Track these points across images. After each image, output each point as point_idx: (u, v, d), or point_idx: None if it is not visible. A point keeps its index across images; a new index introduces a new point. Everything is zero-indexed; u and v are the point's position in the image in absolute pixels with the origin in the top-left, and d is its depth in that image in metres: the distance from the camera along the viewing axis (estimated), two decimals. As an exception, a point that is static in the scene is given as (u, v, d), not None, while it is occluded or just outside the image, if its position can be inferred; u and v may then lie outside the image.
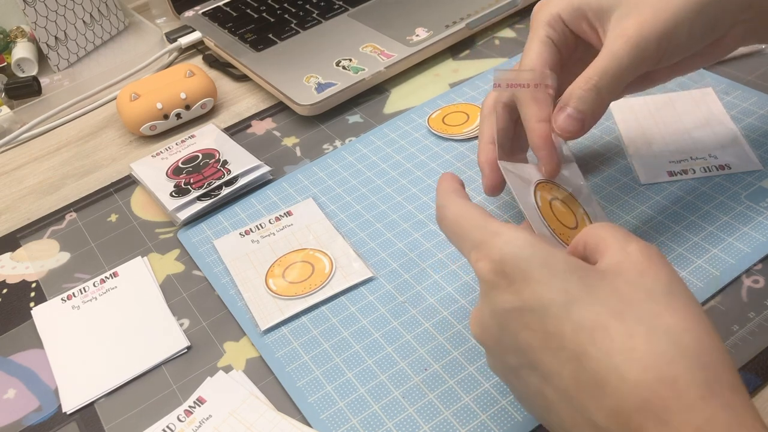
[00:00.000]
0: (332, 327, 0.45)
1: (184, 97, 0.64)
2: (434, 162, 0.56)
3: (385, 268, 0.48)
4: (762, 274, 0.43)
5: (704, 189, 0.49)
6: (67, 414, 0.43)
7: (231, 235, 0.52)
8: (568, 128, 0.40)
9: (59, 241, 0.56)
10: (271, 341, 0.45)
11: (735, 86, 0.57)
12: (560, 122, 0.40)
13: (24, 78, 0.72)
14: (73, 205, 0.59)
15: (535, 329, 0.31)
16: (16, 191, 0.63)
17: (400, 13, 0.72)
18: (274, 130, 0.64)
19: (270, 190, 0.57)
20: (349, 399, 0.41)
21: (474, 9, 0.70)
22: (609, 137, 0.54)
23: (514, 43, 0.68)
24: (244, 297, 0.48)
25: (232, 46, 0.72)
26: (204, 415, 0.41)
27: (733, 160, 0.50)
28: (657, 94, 0.57)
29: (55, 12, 0.74)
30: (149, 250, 0.54)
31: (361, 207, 0.53)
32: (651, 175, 0.51)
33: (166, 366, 0.45)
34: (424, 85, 0.65)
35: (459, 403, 0.40)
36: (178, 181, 0.57)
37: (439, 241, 0.49)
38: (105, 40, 0.80)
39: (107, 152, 0.65)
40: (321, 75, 0.65)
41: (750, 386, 0.38)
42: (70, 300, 0.50)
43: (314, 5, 0.76)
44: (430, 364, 0.42)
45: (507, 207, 0.51)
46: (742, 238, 0.45)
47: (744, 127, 0.53)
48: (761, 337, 0.40)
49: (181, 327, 0.47)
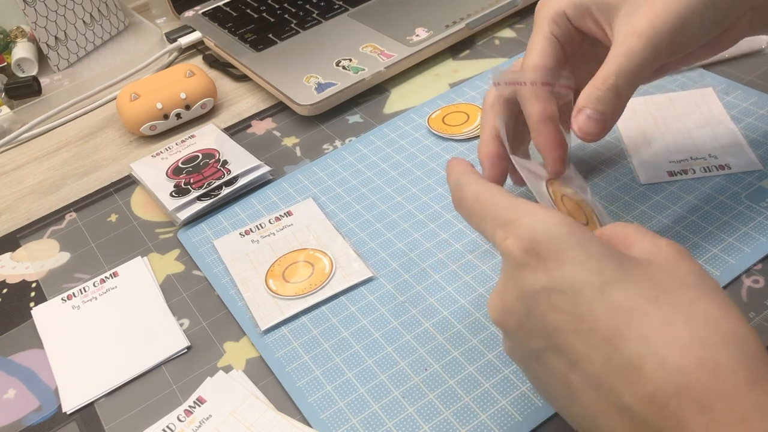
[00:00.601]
0: (332, 327, 0.45)
1: (184, 97, 0.64)
2: (434, 162, 0.56)
3: (385, 268, 0.48)
4: (762, 274, 0.43)
5: (704, 189, 0.49)
6: (67, 414, 0.43)
7: (231, 235, 0.52)
8: (589, 130, 0.39)
9: (59, 241, 0.56)
10: (271, 341, 0.45)
11: (735, 86, 0.57)
12: (581, 124, 0.39)
13: (24, 78, 0.72)
14: (73, 205, 0.60)
15: (565, 311, 0.29)
16: (16, 191, 0.63)
17: (400, 13, 0.72)
18: (274, 130, 0.64)
19: (270, 190, 0.57)
20: (349, 399, 0.41)
21: (474, 9, 0.70)
22: (609, 137, 0.54)
23: (514, 43, 0.68)
24: (244, 297, 0.48)
25: (232, 46, 0.72)
26: (204, 415, 0.41)
27: (733, 160, 0.50)
28: (657, 94, 0.57)
29: (55, 12, 0.74)
30: (149, 250, 0.54)
31: (361, 207, 0.53)
32: (651, 175, 0.51)
33: (166, 366, 0.45)
34: (424, 85, 0.65)
35: (459, 403, 0.40)
36: (178, 181, 0.57)
37: (439, 241, 0.49)
38: (105, 40, 0.80)
39: (107, 152, 0.65)
40: (321, 75, 0.65)
41: (750, 386, 0.38)
42: (70, 300, 0.50)
43: (314, 5, 0.76)
44: (430, 364, 0.42)
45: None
46: (742, 238, 0.45)
47: (744, 127, 0.53)
48: (761, 337, 0.40)
49: (181, 327, 0.47)
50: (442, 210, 0.51)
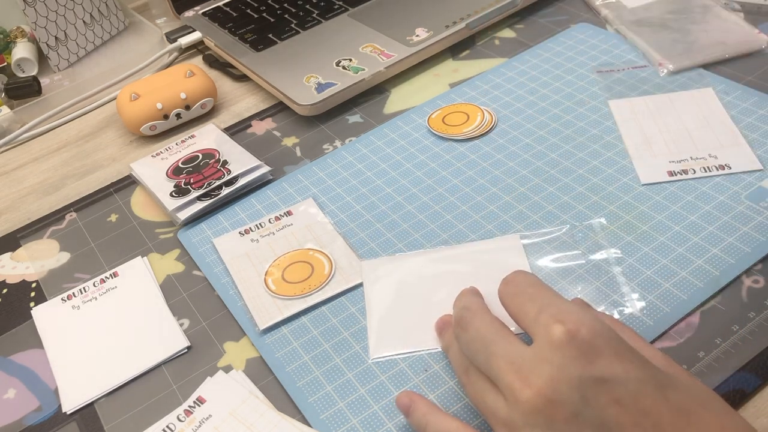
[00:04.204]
0: (332, 327, 0.45)
1: (184, 97, 0.64)
2: (434, 162, 0.56)
3: (385, 268, 0.48)
4: (762, 274, 0.43)
5: (704, 189, 0.49)
6: (67, 414, 0.43)
7: (230, 234, 0.52)
8: None
9: (59, 241, 0.56)
10: (271, 341, 0.45)
11: (735, 86, 0.57)
12: None
13: (24, 78, 0.72)
14: (73, 205, 0.59)
15: (626, 405, 0.30)
16: (16, 191, 0.63)
17: (400, 13, 0.72)
18: (274, 130, 0.64)
19: (270, 190, 0.57)
20: (349, 399, 0.41)
21: (474, 9, 0.70)
22: (609, 137, 0.54)
23: (514, 43, 0.68)
24: (243, 296, 0.48)
25: (232, 46, 0.72)
26: (204, 415, 0.41)
27: (733, 160, 0.50)
28: (657, 94, 0.57)
29: (55, 12, 0.74)
30: (149, 250, 0.54)
31: (361, 207, 0.53)
32: (651, 175, 0.51)
33: (166, 366, 0.45)
34: (424, 85, 0.65)
35: (459, 403, 0.40)
36: (178, 181, 0.57)
37: (439, 242, 0.49)
38: (105, 40, 0.80)
39: (107, 152, 0.65)
40: (321, 75, 0.65)
41: (750, 386, 0.38)
42: (70, 300, 0.50)
43: (314, 5, 0.76)
44: (430, 365, 0.42)
45: (504, 226, 0.51)
46: (742, 238, 0.45)
47: (744, 127, 0.53)
48: (761, 337, 0.40)
49: (181, 327, 0.47)
50: (443, 210, 0.51)
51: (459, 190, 0.53)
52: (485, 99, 0.61)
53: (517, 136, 0.56)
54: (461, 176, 0.54)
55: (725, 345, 0.40)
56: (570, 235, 0.47)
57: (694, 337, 0.41)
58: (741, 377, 0.38)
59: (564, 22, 0.70)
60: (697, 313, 0.42)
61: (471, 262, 0.46)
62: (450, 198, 0.52)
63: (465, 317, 0.37)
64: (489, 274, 0.45)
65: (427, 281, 0.46)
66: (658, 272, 0.44)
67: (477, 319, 0.36)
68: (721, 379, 0.38)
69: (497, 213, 0.50)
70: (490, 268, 0.46)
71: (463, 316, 0.37)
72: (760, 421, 0.37)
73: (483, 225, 0.49)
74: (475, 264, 0.46)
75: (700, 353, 0.40)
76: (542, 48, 0.66)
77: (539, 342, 0.32)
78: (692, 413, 0.30)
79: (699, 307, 0.42)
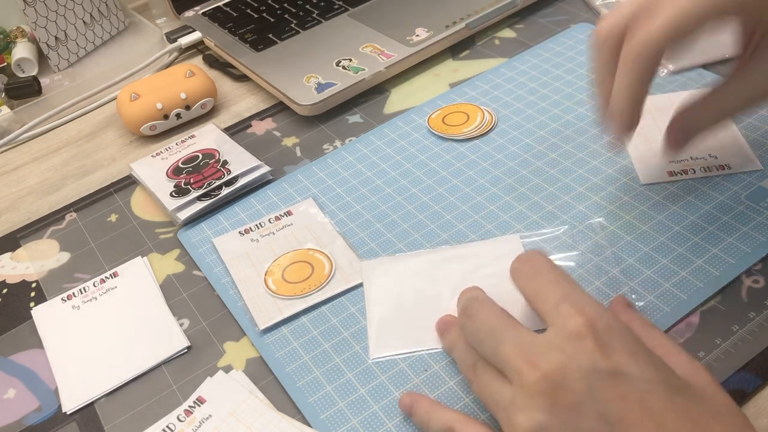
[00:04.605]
0: (332, 327, 0.45)
1: (184, 97, 0.64)
2: (434, 162, 0.56)
3: (385, 268, 0.48)
4: (762, 274, 0.43)
5: (704, 189, 0.49)
6: (67, 414, 0.43)
7: (230, 234, 0.52)
8: None
9: (59, 241, 0.56)
10: (271, 341, 0.45)
11: (735, 86, 0.57)
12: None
13: (24, 78, 0.72)
14: (73, 205, 0.59)
15: (632, 402, 0.30)
16: (16, 191, 0.63)
17: (400, 13, 0.72)
18: (274, 130, 0.64)
19: (270, 190, 0.57)
20: (349, 399, 0.41)
21: (474, 9, 0.70)
22: (609, 137, 0.54)
23: (515, 43, 0.68)
24: (243, 296, 0.48)
25: (232, 46, 0.72)
26: (204, 415, 0.41)
27: (733, 160, 0.50)
28: (657, 94, 0.57)
29: (55, 12, 0.74)
30: (149, 250, 0.54)
31: (361, 207, 0.53)
32: (651, 175, 0.51)
33: (166, 366, 0.45)
34: (424, 85, 0.65)
35: (459, 403, 0.40)
36: (178, 181, 0.57)
37: (439, 242, 0.49)
38: (105, 40, 0.80)
39: (107, 152, 0.65)
40: (321, 75, 0.65)
41: (750, 386, 0.38)
42: (70, 300, 0.50)
43: (314, 5, 0.76)
44: (430, 365, 0.42)
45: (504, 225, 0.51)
46: (742, 238, 0.45)
47: (744, 127, 0.53)
48: (761, 337, 0.40)
49: (181, 327, 0.47)
50: (443, 210, 0.51)
51: (459, 190, 0.53)
52: (485, 99, 0.61)
53: (517, 136, 0.56)
54: (461, 176, 0.54)
55: (725, 345, 0.40)
56: (570, 235, 0.47)
57: (694, 337, 0.41)
58: (741, 377, 0.39)
59: (564, 22, 0.70)
60: (697, 313, 0.42)
61: (471, 262, 0.46)
62: (450, 198, 0.52)
63: (472, 307, 0.37)
64: (489, 274, 0.45)
65: (427, 281, 0.46)
66: (658, 272, 0.44)
67: (485, 308, 0.36)
68: (721, 379, 0.38)
69: (497, 213, 0.50)
70: (490, 268, 0.46)
71: (470, 306, 0.37)
72: (760, 421, 0.37)
73: (483, 225, 0.50)
74: (475, 264, 0.46)
75: (700, 353, 0.40)
76: (542, 48, 0.66)
77: (555, 330, 0.33)
78: (699, 421, 0.30)
79: (699, 307, 0.42)
